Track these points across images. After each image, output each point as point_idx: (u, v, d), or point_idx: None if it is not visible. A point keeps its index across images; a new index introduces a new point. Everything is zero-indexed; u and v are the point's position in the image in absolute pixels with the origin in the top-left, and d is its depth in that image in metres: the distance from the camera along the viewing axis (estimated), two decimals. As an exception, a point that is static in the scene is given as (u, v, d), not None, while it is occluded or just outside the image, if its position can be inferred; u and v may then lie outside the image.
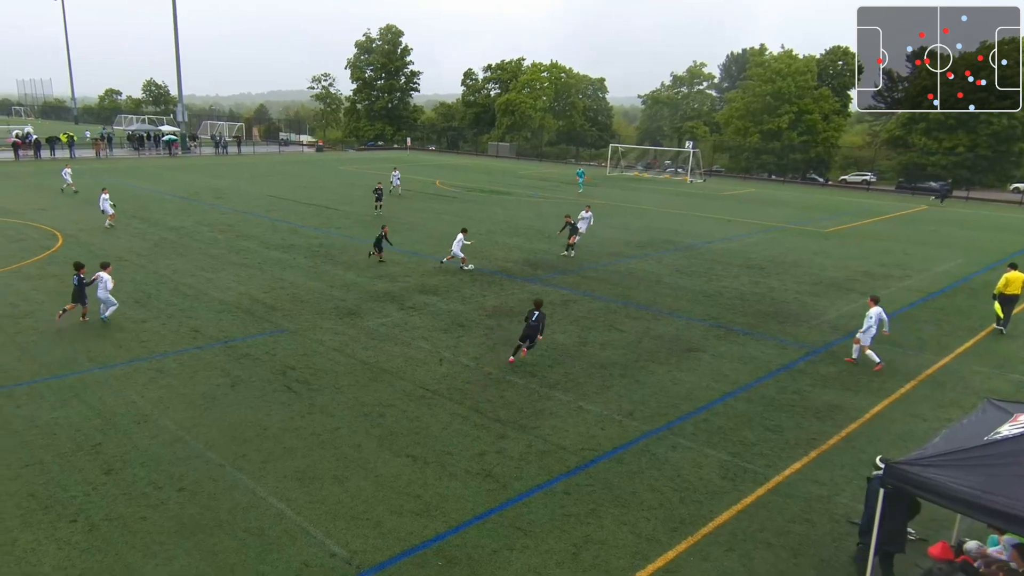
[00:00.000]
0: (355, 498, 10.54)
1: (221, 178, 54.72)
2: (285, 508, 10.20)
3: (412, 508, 10.31)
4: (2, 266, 23.49)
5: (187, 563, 8.92)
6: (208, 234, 30.85)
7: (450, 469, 11.48)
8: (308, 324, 18.77)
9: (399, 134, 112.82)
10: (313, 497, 10.52)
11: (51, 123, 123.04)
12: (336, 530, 9.73)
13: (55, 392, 13.84)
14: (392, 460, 11.73)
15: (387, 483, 10.99)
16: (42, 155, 68.12)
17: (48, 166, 58.67)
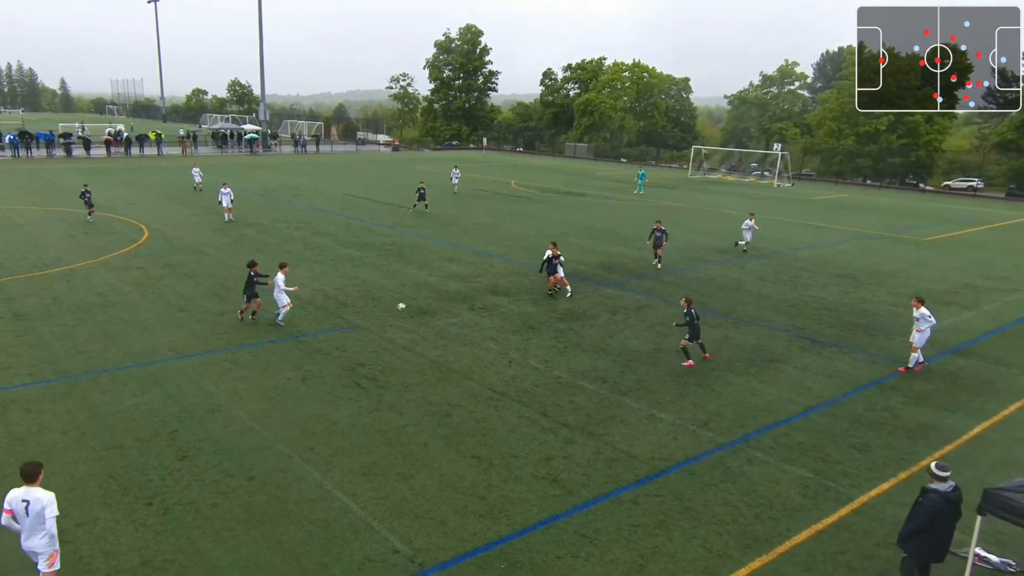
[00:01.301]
0: (419, 496, 10.69)
1: (299, 176, 56.82)
2: (350, 502, 10.46)
3: (476, 509, 10.38)
4: (92, 257, 25.12)
5: (254, 550, 9.27)
6: (285, 231, 32.08)
7: (515, 472, 11.49)
8: (379, 322, 19.21)
9: (475, 134, 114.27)
10: (378, 493, 10.74)
11: (141, 121, 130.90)
12: (399, 527, 9.89)
13: (137, 379, 14.67)
14: (457, 460, 11.85)
15: (452, 483, 11.11)
16: (132, 152, 72.56)
17: (137, 163, 62.44)
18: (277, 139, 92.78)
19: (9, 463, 11.10)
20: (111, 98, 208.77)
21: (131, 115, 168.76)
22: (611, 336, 18.72)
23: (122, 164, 61.29)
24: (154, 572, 8.74)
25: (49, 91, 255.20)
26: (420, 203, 39.46)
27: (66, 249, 26.23)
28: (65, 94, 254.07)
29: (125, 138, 74.95)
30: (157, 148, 74.55)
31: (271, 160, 73.41)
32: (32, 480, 7.74)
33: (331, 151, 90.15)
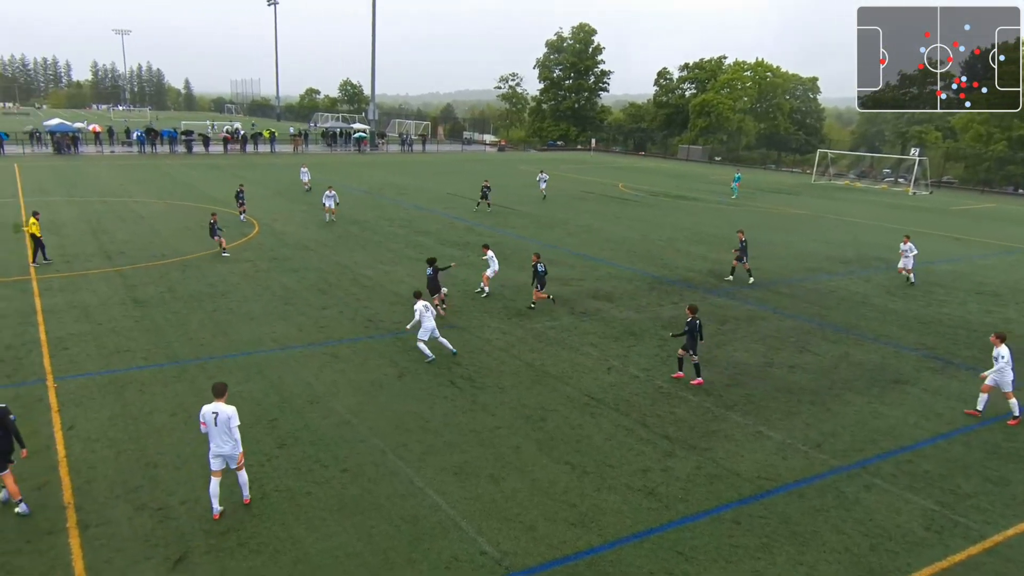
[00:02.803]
0: (510, 499, 10.78)
1: (404, 175, 58.73)
2: (440, 500, 10.68)
3: (567, 517, 10.35)
4: (205, 249, 26.95)
5: (345, 541, 9.64)
6: (388, 228, 33.22)
7: (610, 482, 11.37)
8: (476, 322, 19.54)
9: (583, 135, 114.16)
10: (468, 493, 10.92)
11: (257, 119, 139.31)
12: (488, 528, 10.01)
13: (241, 368, 15.61)
14: (550, 466, 11.86)
15: (543, 488, 11.13)
16: (247, 149, 77.40)
17: (251, 160, 66.50)
18: (384, 138, 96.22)
19: (123, 440, 12.13)
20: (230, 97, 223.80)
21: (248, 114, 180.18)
22: (718, 347, 18.19)
23: (237, 161, 65.43)
24: (250, 554, 9.26)
25: (174, 91, 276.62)
26: (483, 202, 39.86)
27: (183, 241, 28.29)
28: (188, 94, 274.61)
29: (241, 136, 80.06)
30: (270, 146, 79.17)
31: (378, 159, 76.27)
32: (220, 396, 10.11)
33: (437, 151, 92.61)
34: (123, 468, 11.20)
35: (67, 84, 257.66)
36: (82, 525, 9.68)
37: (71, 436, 12.16)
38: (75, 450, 11.70)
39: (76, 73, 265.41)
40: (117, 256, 25.39)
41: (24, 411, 13.00)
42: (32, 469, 11.01)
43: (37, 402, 13.46)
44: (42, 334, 17.11)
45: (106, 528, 9.64)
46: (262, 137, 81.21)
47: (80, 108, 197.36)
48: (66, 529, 9.59)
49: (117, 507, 10.14)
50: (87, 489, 10.57)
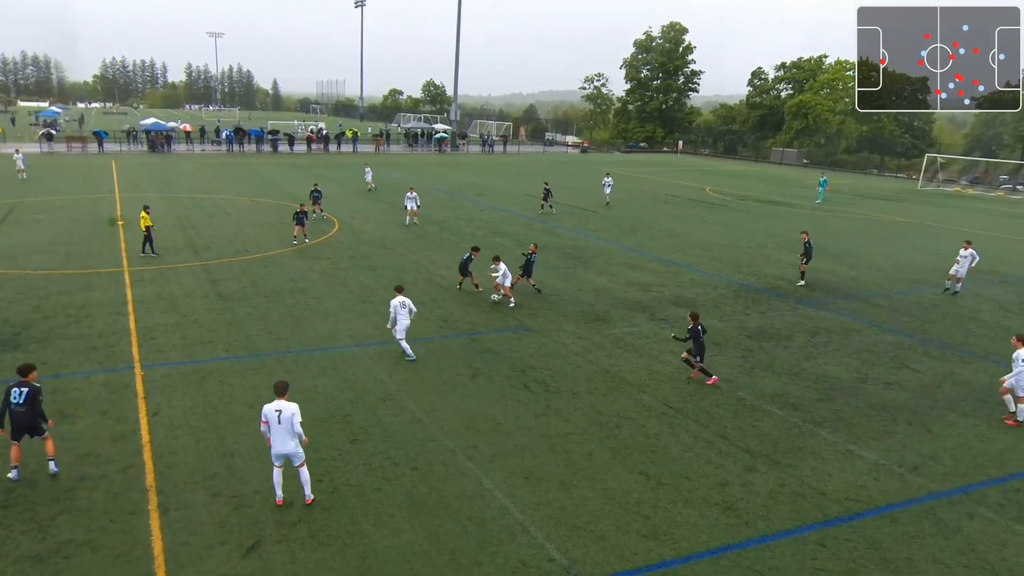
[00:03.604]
0: (580, 507, 10.75)
1: (484, 176, 59.40)
2: (509, 504, 10.76)
3: (639, 528, 10.24)
4: (286, 246, 28.02)
5: (412, 538, 9.84)
6: (466, 229, 33.68)
7: (686, 494, 11.18)
8: (552, 325, 19.57)
9: (670, 137, 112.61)
10: (538, 498, 10.95)
11: (341, 119, 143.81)
12: (557, 535, 10.01)
13: (317, 362, 16.16)
14: (624, 475, 11.76)
15: (615, 497, 11.05)
16: (330, 149, 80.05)
17: (333, 159, 68.68)
18: (466, 139, 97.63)
19: (203, 428, 12.76)
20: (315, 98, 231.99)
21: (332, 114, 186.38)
22: (808, 360, 17.59)
23: (320, 160, 67.73)
24: (319, 546, 9.58)
25: (262, 91, 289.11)
26: (545, 203, 39.84)
27: (266, 237, 29.50)
28: (276, 94, 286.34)
29: (325, 135, 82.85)
30: (352, 145, 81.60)
31: (458, 159, 77.44)
32: (282, 394, 10.35)
33: (518, 151, 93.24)
34: (202, 455, 11.79)
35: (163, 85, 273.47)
36: (162, 508, 10.25)
37: (155, 422, 12.89)
38: (158, 436, 12.39)
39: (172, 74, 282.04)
40: (203, 251, 26.73)
41: (114, 396, 13.91)
42: (119, 452, 11.77)
43: (125, 388, 14.32)
44: (132, 323, 18.20)
45: (184, 512, 10.18)
46: (345, 137, 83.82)
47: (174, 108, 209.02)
48: (147, 511, 10.17)
49: (195, 493, 10.69)
50: (168, 474, 11.18)
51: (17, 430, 10.79)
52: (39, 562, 9.02)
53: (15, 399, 10.72)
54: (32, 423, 10.86)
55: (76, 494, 10.52)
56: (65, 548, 9.30)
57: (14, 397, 10.73)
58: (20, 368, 11.21)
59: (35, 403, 10.83)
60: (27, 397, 10.76)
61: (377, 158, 72.65)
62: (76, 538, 9.50)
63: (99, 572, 8.84)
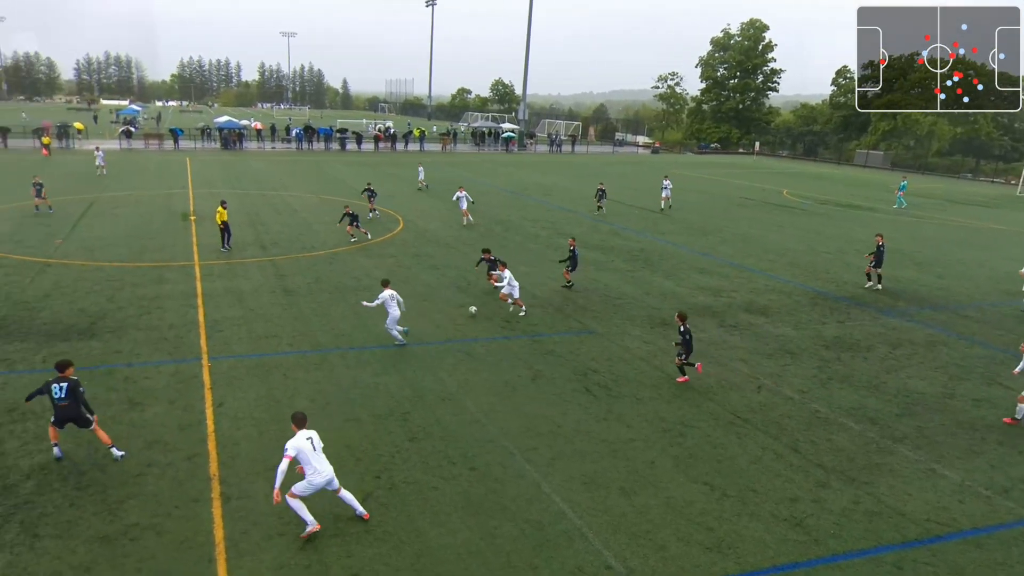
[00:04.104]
0: (641, 515, 10.65)
1: (551, 175, 59.45)
2: (567, 509, 10.74)
3: (702, 540, 10.07)
4: (351, 244, 28.65)
5: (468, 538, 9.94)
6: (530, 229, 33.79)
7: (752, 508, 10.94)
8: (617, 329, 19.45)
9: (746, 137, 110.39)
10: (597, 504, 10.90)
11: (409, 118, 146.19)
12: (615, 543, 9.95)
13: (379, 360, 16.48)
14: (687, 484, 11.59)
15: (678, 507, 10.90)
16: (397, 148, 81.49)
17: (400, 158, 69.91)
18: (533, 138, 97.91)
19: (266, 420, 13.19)
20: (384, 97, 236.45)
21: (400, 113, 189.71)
22: (889, 372, 16.97)
23: (387, 159, 69.06)
24: (375, 541, 9.78)
25: (332, 90, 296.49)
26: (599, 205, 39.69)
27: (331, 234, 30.25)
28: (345, 93, 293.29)
29: (392, 134, 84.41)
30: (420, 144, 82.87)
31: (525, 159, 77.73)
32: (303, 424, 10.06)
33: (586, 151, 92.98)
34: (264, 447, 12.18)
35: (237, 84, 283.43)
36: (224, 497, 10.65)
37: (220, 413, 13.38)
38: (223, 426, 12.87)
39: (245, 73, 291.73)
40: (271, 246, 27.59)
41: (181, 386, 14.52)
42: (185, 441, 12.29)
43: (192, 379, 14.92)
44: (201, 316, 18.94)
45: (245, 502, 10.54)
46: (412, 136, 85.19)
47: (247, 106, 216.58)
48: (210, 499, 10.58)
49: (256, 483, 11.05)
50: (231, 464, 11.60)
51: (61, 421, 11.33)
52: (108, 543, 9.50)
53: (56, 394, 11.19)
54: (77, 414, 11.36)
55: (144, 479, 11.03)
56: (132, 531, 9.77)
57: (55, 392, 11.20)
58: (58, 364, 11.62)
59: (76, 395, 11.32)
60: (68, 391, 11.25)
61: (443, 157, 73.66)
62: (143, 522, 9.97)
63: (164, 556, 9.24)
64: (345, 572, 9.15)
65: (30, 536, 9.60)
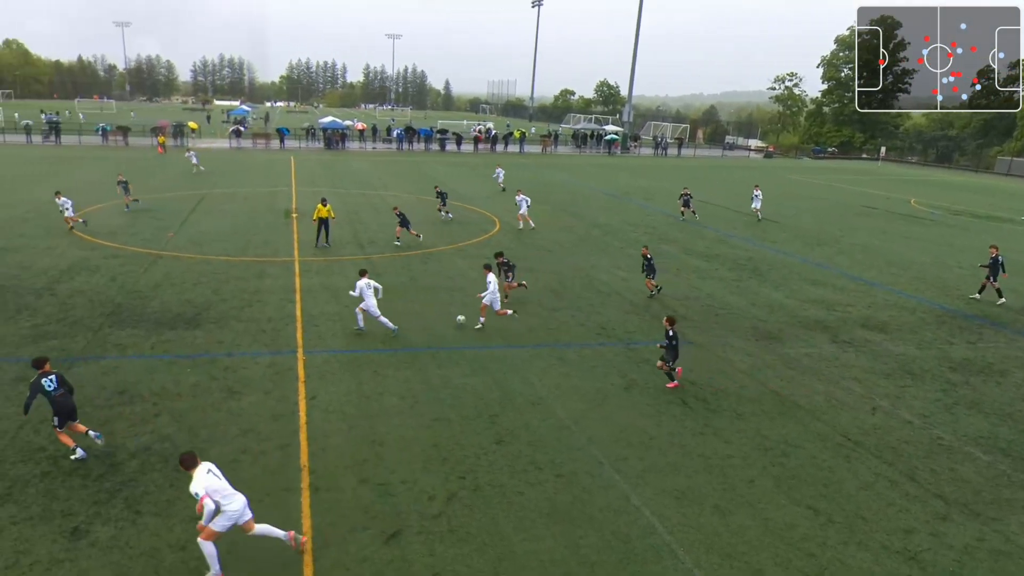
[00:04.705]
0: (736, 535, 10.39)
1: (654, 179, 58.75)
2: (656, 523, 10.61)
3: (803, 567, 9.72)
4: (447, 244, 29.28)
5: (552, 546, 9.97)
6: (631, 234, 33.50)
7: (860, 536, 10.47)
8: (718, 340, 19.03)
9: (870, 142, 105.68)
10: (689, 521, 10.71)
11: (510, 119, 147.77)
12: (708, 563, 9.74)
13: (469, 361, 16.75)
14: (788, 507, 11.22)
15: (777, 530, 10.57)
16: (497, 149, 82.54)
17: (499, 159, 70.62)
18: (638, 141, 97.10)
19: (355, 415, 13.69)
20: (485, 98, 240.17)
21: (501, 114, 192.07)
22: (1026, 400, 15.88)
23: (485, 160, 70.00)
24: (458, 541, 9.96)
25: (435, 91, 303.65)
26: (687, 210, 38.55)
27: (427, 234, 30.94)
28: (447, 94, 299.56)
29: (493, 136, 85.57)
30: (519, 146, 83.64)
31: (628, 162, 77.15)
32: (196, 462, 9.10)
33: (694, 155, 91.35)
34: (353, 441, 12.63)
35: (342, 85, 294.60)
36: (313, 488, 11.11)
37: (312, 406, 13.96)
38: (314, 419, 13.42)
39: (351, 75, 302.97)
40: (368, 245, 28.52)
41: (277, 377, 15.25)
42: (278, 431, 12.92)
43: (288, 371, 15.63)
44: (298, 310, 19.81)
45: (333, 494, 10.96)
46: (512, 137, 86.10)
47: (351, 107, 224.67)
48: (300, 489, 11.07)
49: (344, 476, 11.47)
50: (321, 455, 12.08)
51: (63, 418, 11.57)
52: (202, 525, 10.08)
53: (50, 387, 11.53)
54: (73, 405, 11.72)
55: (239, 465, 11.63)
56: (225, 514, 10.31)
57: (48, 386, 11.53)
58: (35, 362, 11.83)
59: (67, 384, 11.80)
60: (59, 381, 11.67)
61: (542, 159, 74.08)
62: (234, 506, 10.50)
63: (253, 539, 9.70)
64: (426, 570, 9.37)
65: (133, 512, 10.37)
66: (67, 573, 9.12)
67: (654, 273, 22.85)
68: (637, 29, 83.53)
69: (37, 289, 20.90)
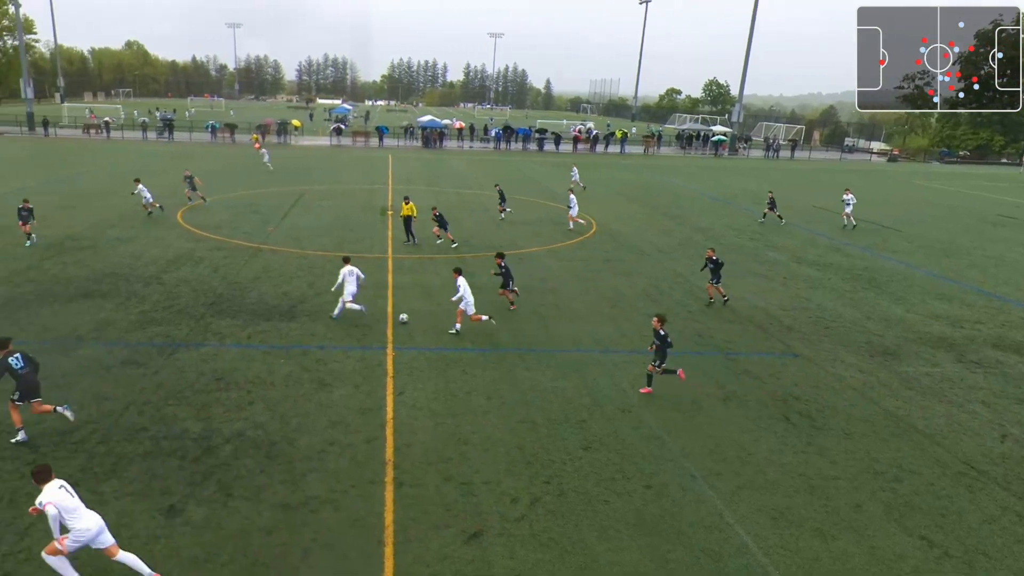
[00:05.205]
0: (838, 562, 10.01)
1: (763, 183, 57.02)
2: (751, 543, 10.34)
3: (910, 599, 9.28)
4: (541, 244, 29.43)
5: (637, 558, 9.87)
6: (735, 239, 32.73)
7: (980, 574, 9.90)
8: (827, 354, 18.37)
9: (1012, 146, 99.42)
10: (786, 543, 10.39)
11: (611, 119, 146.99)
12: (804, 588, 9.43)
13: (558, 363, 16.78)
14: (899, 536, 10.71)
15: (885, 560, 10.12)
16: (596, 149, 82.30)
17: (598, 159, 70.50)
18: (748, 142, 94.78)
19: (442, 413, 13.99)
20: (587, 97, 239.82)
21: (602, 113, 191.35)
22: None
23: (583, 160, 69.84)
24: (540, 546, 10.00)
25: (535, 90, 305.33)
26: (771, 213, 37.46)
27: (521, 234, 31.22)
28: (548, 93, 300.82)
29: (593, 136, 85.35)
30: (620, 147, 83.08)
31: (735, 164, 75.40)
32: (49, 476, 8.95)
33: (808, 158, 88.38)
34: (438, 439, 12.89)
35: (442, 84, 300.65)
36: (397, 482, 11.41)
37: (400, 401, 14.33)
38: (401, 414, 13.78)
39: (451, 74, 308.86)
40: (462, 244, 28.99)
41: (366, 372, 15.76)
42: (365, 424, 13.37)
43: (377, 366, 16.09)
44: (390, 307, 20.36)
45: (416, 490, 11.22)
46: (614, 137, 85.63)
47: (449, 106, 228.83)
48: (384, 483, 11.41)
49: (428, 473, 11.72)
50: (406, 451, 12.40)
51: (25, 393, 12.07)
52: (289, 511, 10.61)
53: (16, 365, 12.05)
54: (37, 382, 12.25)
55: (326, 456, 12.11)
56: (312, 503, 10.81)
57: (15, 364, 12.05)
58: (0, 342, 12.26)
59: (33, 362, 12.36)
60: (24, 359, 12.24)
61: (644, 160, 73.35)
62: (321, 495, 11.00)
63: (337, 530, 10.11)
64: (507, 573, 9.46)
65: (225, 495, 10.97)
66: (162, 549, 9.71)
67: (719, 278, 21.85)
68: (752, 26, 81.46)
69: (146, 277, 22.37)
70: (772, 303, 22.63)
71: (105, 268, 23.33)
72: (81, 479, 11.12)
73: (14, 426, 12.30)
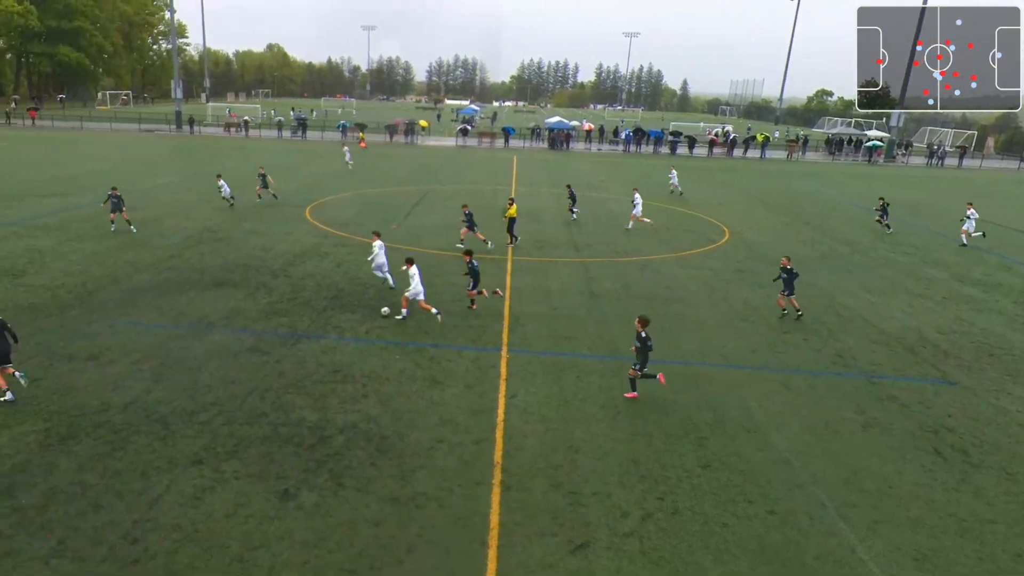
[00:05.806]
0: (986, 611, 9.31)
1: (922, 192, 54.03)
2: (886, 583, 9.78)
3: (1072, 660, 8.50)
4: (668, 252, 28.97)
5: (755, 587, 9.53)
6: (887, 253, 31.10)
7: None
8: (990, 384, 17.14)
9: None
10: (927, 585, 9.77)
11: (752, 122, 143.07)
12: (945, 636, 8.82)
13: (680, 376, 16.42)
14: (1061, 589, 9.86)
15: (1042, 613, 9.33)
16: (734, 154, 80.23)
17: (733, 164, 68.74)
18: (908, 148, 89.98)
19: (553, 419, 14.03)
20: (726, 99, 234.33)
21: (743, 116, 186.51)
22: None
23: (719, 165, 68.38)
24: (649, 564, 9.83)
25: (670, 91, 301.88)
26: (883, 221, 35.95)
27: (646, 241, 30.84)
28: (683, 95, 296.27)
29: (731, 139, 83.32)
30: (761, 151, 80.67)
31: (892, 171, 71.69)
32: None
33: (979, 167, 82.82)
34: (548, 445, 12.92)
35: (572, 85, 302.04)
36: (504, 485, 11.53)
37: (511, 404, 14.48)
38: (512, 417, 13.91)
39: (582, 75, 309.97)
40: (583, 248, 28.98)
41: (479, 372, 16.04)
42: (475, 425, 13.61)
43: (490, 368, 16.32)
44: (506, 309, 20.60)
45: (523, 494, 11.29)
46: (754, 141, 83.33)
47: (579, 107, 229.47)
48: (491, 484, 11.56)
49: (536, 478, 11.77)
50: (515, 455, 12.50)
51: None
52: (397, 504, 10.96)
53: None
54: (8, 348, 13.49)
55: (435, 454, 12.43)
56: (419, 498, 11.13)
57: None
58: None
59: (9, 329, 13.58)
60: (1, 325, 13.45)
61: (785, 166, 71.03)
62: (428, 492, 11.29)
63: (442, 528, 10.34)
64: (613, 589, 9.35)
65: (336, 484, 11.47)
66: (275, 530, 10.27)
67: (792, 290, 20.88)
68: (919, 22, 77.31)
69: (274, 270, 23.74)
70: (927, 324, 21.34)
71: (238, 259, 24.97)
72: (205, 457, 12.01)
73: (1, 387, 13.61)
